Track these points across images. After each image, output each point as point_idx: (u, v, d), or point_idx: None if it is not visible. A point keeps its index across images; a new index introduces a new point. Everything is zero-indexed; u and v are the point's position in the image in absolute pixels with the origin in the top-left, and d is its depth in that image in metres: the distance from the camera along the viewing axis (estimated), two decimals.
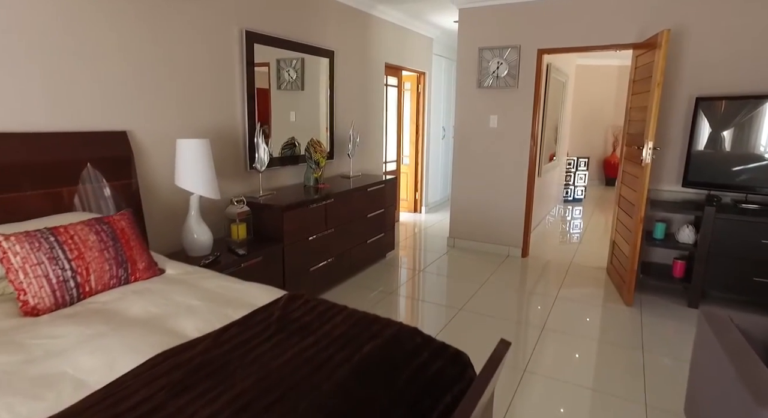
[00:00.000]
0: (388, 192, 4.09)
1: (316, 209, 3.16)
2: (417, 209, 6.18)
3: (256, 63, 3.31)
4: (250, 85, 3.13)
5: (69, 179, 2.05)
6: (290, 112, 3.93)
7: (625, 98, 8.41)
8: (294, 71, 3.86)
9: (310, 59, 3.83)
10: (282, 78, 3.67)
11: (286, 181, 3.63)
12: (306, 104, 3.91)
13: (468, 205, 4.49)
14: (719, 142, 3.09)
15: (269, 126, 3.54)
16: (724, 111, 3.04)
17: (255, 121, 3.19)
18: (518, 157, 4.18)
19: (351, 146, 4.08)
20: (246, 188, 3.21)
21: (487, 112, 4.25)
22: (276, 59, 3.56)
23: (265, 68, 3.52)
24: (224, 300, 1.61)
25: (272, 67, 3.58)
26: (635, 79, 3.42)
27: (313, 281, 3.20)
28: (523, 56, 4.00)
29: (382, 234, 4.08)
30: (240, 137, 3.13)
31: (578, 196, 7.12)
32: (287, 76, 3.82)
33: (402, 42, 5.13)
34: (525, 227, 4.26)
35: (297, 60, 3.76)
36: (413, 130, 5.94)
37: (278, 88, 3.63)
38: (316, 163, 3.57)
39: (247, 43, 3.04)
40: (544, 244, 4.78)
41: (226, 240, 2.83)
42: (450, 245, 4.64)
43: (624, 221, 3.42)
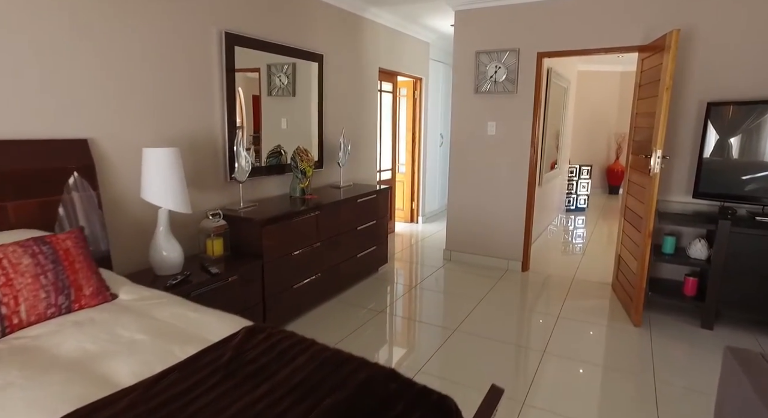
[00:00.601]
0: (380, 203, 3.88)
1: (301, 222, 2.96)
2: (413, 219, 5.97)
3: (246, 68, 3.17)
4: (230, 90, 2.94)
5: (14, 193, 1.84)
6: (281, 119, 3.76)
7: (628, 105, 8.24)
8: (285, 77, 3.69)
9: (302, 64, 3.66)
10: (273, 84, 3.50)
11: (271, 192, 3.42)
12: (297, 111, 3.74)
13: (465, 217, 4.28)
14: (732, 151, 2.88)
15: (260, 134, 3.39)
16: (737, 117, 2.83)
17: (235, 128, 2.99)
18: (518, 166, 3.97)
19: (341, 155, 3.88)
20: (226, 200, 3.00)
21: (484, 119, 4.05)
22: (266, 64, 3.39)
23: (255, 74, 3.37)
24: (175, 333, 1.39)
25: (263, 72, 3.41)
26: (641, 83, 3.22)
27: (297, 299, 2.99)
28: (522, 60, 3.81)
29: (374, 247, 3.86)
30: (219, 146, 2.94)
31: (581, 205, 6.90)
32: (278, 81, 3.66)
33: (396, 46, 4.95)
34: (525, 239, 4.04)
35: (288, 65, 3.59)
36: (409, 137, 5.75)
37: (269, 95, 3.46)
38: (303, 172, 3.37)
39: (226, 46, 2.85)
40: (546, 256, 4.56)
41: (201, 257, 2.62)
42: (446, 258, 4.42)
43: (630, 234, 3.20)
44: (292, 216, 2.87)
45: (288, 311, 2.92)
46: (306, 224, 3.01)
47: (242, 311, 2.52)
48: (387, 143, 5.25)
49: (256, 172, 3.26)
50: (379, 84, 4.88)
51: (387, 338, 2.81)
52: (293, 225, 2.89)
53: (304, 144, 3.78)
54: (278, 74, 3.64)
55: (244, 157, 2.87)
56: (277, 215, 2.75)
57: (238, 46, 2.95)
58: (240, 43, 2.96)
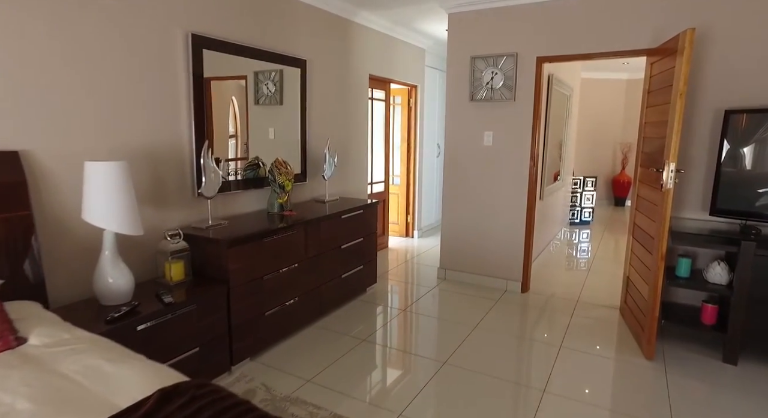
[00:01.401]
0: (368, 219, 3.60)
1: (276, 242, 2.68)
2: (409, 234, 5.68)
3: (230, 76, 2.99)
4: (199, 97, 2.68)
5: None
6: (269, 129, 3.53)
7: (634, 114, 7.96)
8: (273, 84, 3.47)
9: (290, 71, 3.42)
10: (260, 92, 3.30)
11: (247, 208, 3.15)
12: (285, 120, 3.52)
13: (460, 233, 3.99)
14: (754, 163, 2.59)
15: (247, 144, 3.18)
16: (758, 125, 2.54)
17: (204, 139, 2.73)
18: (517, 179, 3.69)
19: (326, 167, 3.61)
20: (194, 217, 2.73)
21: (480, 129, 3.78)
22: (254, 72, 3.19)
23: (242, 81, 3.15)
24: (72, 399, 1.11)
25: (249, 80, 3.19)
26: (650, 89, 2.94)
27: (270, 327, 2.70)
28: (520, 65, 3.54)
29: (360, 266, 3.57)
30: (186, 158, 2.67)
31: (585, 218, 6.60)
32: (266, 89, 3.44)
33: (389, 52, 4.71)
34: (525, 257, 3.74)
35: (275, 72, 3.38)
36: (404, 148, 5.48)
37: (256, 103, 3.26)
38: (281, 186, 3.10)
39: (193, 49, 2.60)
40: (548, 275, 4.25)
41: (158, 282, 2.34)
42: (441, 277, 4.12)
43: (640, 255, 2.90)
44: (264, 235, 2.59)
45: (259, 342, 2.63)
46: (281, 243, 2.73)
47: (203, 345, 2.24)
48: (379, 154, 4.99)
49: (231, 186, 3.00)
50: (371, 92, 4.64)
51: (367, 372, 2.51)
52: (266, 245, 2.61)
53: (291, 155, 3.53)
54: (265, 82, 3.43)
55: (212, 171, 2.61)
56: (246, 235, 2.48)
57: (207, 49, 2.70)
58: (209, 46, 2.71)
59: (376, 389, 2.35)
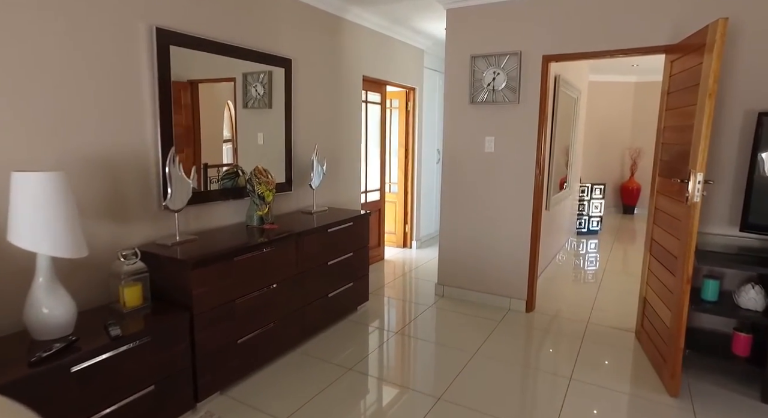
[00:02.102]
0: (358, 231, 3.31)
1: (251, 260, 2.39)
2: (407, 244, 5.38)
3: (219, 78, 2.80)
4: (166, 99, 2.41)
5: None
6: (258, 134, 3.28)
7: (643, 118, 7.65)
8: (261, 86, 3.22)
9: (279, 72, 3.16)
10: (249, 95, 3.06)
11: (224, 220, 2.87)
12: (274, 125, 3.27)
13: (459, 247, 3.68)
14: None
15: (236, 150, 2.99)
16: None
17: (171, 145, 2.45)
18: (520, 188, 3.38)
19: (314, 175, 3.33)
20: (161, 232, 2.45)
21: (481, 134, 3.48)
22: (242, 73, 2.96)
23: (230, 84, 2.93)
24: None
25: (238, 82, 2.96)
26: (669, 90, 2.64)
27: (244, 356, 2.40)
28: (524, 65, 3.25)
29: (350, 284, 3.28)
30: (151, 167, 2.39)
31: (593, 227, 6.27)
32: (254, 92, 3.18)
33: (385, 53, 4.43)
34: (530, 274, 3.43)
35: (264, 73, 3.13)
36: (402, 153, 5.20)
37: (245, 107, 3.04)
38: (261, 197, 2.82)
39: (158, 45, 2.33)
40: (555, 291, 3.93)
41: (111, 309, 2.05)
42: (438, 294, 3.81)
43: (659, 275, 2.59)
44: (237, 253, 2.30)
45: (231, 373, 2.33)
46: (258, 261, 2.44)
47: (160, 382, 1.94)
48: (374, 160, 4.70)
49: (207, 196, 2.72)
50: (365, 94, 4.36)
51: (350, 409, 2.20)
52: (239, 264, 2.32)
53: (277, 162, 3.27)
54: (254, 84, 3.18)
55: (180, 180, 2.32)
56: (216, 253, 2.19)
57: (176, 46, 2.43)
58: (178, 43, 2.43)
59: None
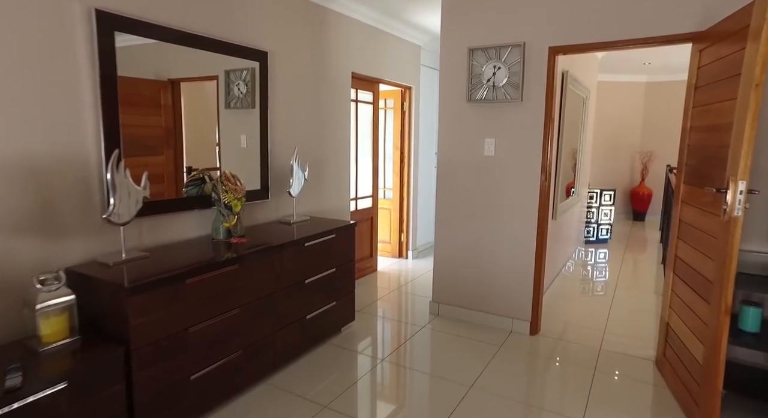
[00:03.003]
0: (342, 244, 2.96)
1: (211, 281, 2.04)
2: (402, 254, 5.02)
3: (201, 76, 2.58)
4: (110, 94, 2.07)
5: None
6: (241, 136, 3.00)
7: (654, 119, 7.27)
8: (244, 85, 2.94)
9: (242, 66, 2.83)
10: (231, 94, 2.81)
11: (187, 233, 2.52)
12: (257, 126, 2.97)
13: (456, 261, 3.32)
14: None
15: (219, 155, 2.73)
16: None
17: (118, 146, 2.11)
18: (524, 196, 3.02)
19: (293, 182, 2.98)
20: (106, 248, 2.11)
21: (480, 135, 3.13)
22: (224, 70, 2.71)
23: (212, 82, 2.68)
24: None
25: (221, 80, 2.70)
26: (698, 84, 2.27)
27: (199, 394, 2.05)
28: (528, 58, 2.90)
29: (332, 303, 2.92)
30: (93, 173, 2.05)
31: (603, 235, 5.89)
32: (236, 91, 2.90)
33: (377, 48, 4.09)
34: (535, 292, 3.07)
35: (247, 71, 2.85)
36: (397, 157, 4.85)
37: (227, 107, 2.79)
38: (227, 207, 2.48)
39: (100, 30, 1.99)
40: (562, 310, 3.56)
41: (25, 345, 1.70)
42: (434, 313, 3.45)
43: (686, 299, 2.22)
44: (191, 273, 1.95)
45: (181, 416, 1.98)
46: (218, 282, 2.09)
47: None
48: (366, 165, 4.35)
49: (168, 206, 2.39)
50: (354, 93, 4.02)
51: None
52: (194, 287, 1.97)
53: (253, 166, 2.94)
54: (236, 82, 2.90)
55: (127, 188, 1.99)
56: (163, 274, 1.84)
57: (121, 32, 2.09)
58: (125, 28, 2.10)
59: None
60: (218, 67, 2.69)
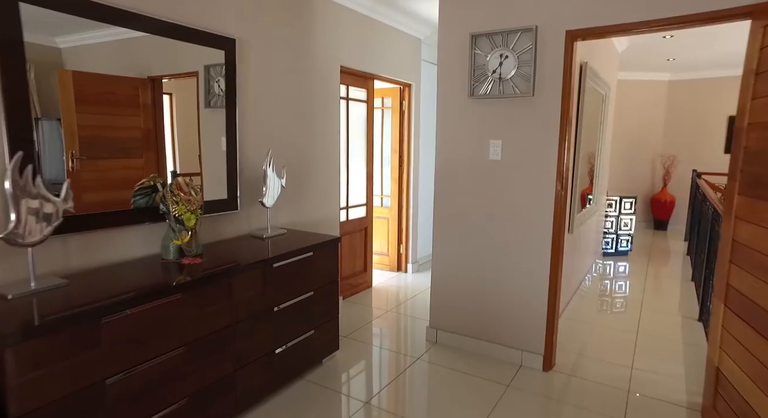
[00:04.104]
0: (322, 263, 2.53)
1: (138, 318, 1.62)
2: (401, 268, 4.58)
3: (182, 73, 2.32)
4: (16, 83, 1.67)
5: None
6: (221, 139, 2.68)
7: (677, 121, 6.74)
8: (224, 81, 2.56)
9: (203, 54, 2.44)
10: (211, 91, 2.50)
11: (134, 252, 2.12)
12: (224, 125, 2.63)
13: (456, 281, 2.87)
14: None
15: (199, 157, 2.45)
16: None
17: (29, 149, 1.70)
18: (536, 207, 2.57)
19: (266, 190, 2.57)
20: (14, 274, 1.70)
21: (484, 136, 2.68)
22: (204, 66, 2.40)
23: (192, 79, 2.38)
24: None
25: (200, 76, 2.39)
26: (760, 70, 1.81)
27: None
28: (542, 45, 2.45)
29: (310, 332, 2.49)
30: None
31: (622, 247, 5.38)
32: (217, 88, 2.56)
33: (371, 40, 3.67)
34: (549, 319, 2.60)
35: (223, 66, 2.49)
36: (396, 161, 4.42)
37: (207, 106, 2.49)
38: (179, 221, 2.06)
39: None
40: (580, 339, 3.08)
41: None
42: (431, 340, 3.00)
43: (745, 339, 1.75)
44: (110, 310, 1.54)
45: None
46: (151, 318, 1.67)
47: None
48: (359, 170, 3.92)
49: (108, 220, 1.99)
50: (345, 90, 3.60)
51: None
52: (112, 327, 1.55)
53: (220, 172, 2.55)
54: (217, 78, 2.57)
55: (39, 199, 1.58)
56: (69, 313, 1.43)
57: (29, 3, 1.69)
58: (33, 0, 1.70)
59: None
60: (197, 61, 2.35)
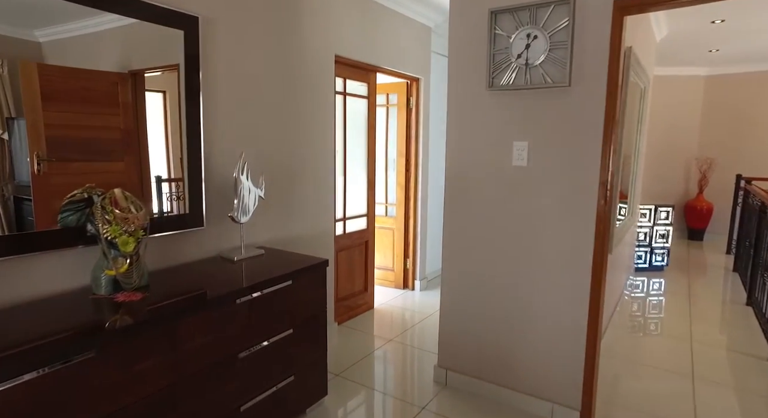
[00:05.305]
0: (305, 292, 2.05)
1: (25, 391, 1.16)
2: (408, 285, 4.08)
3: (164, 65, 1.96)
4: None
5: None
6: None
7: (714, 120, 6.10)
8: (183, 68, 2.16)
9: (158, 35, 1.99)
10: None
11: (58, 284, 1.67)
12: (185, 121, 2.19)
13: (471, 314, 2.36)
14: None
15: (181, 160, 2.06)
16: None
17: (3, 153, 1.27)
18: (572, 224, 2.05)
19: (238, 202, 2.10)
20: None
21: (506, 137, 2.18)
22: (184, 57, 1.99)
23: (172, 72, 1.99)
24: None
25: (181, 69, 2.00)
26: None
27: None
28: (581, 20, 1.94)
29: (289, 378, 2.02)
30: None
31: (657, 261, 4.80)
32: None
33: (373, 27, 3.19)
34: (587, 364, 2.08)
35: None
36: (402, 165, 3.93)
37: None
38: (111, 244, 1.61)
39: None
40: (623, 384, 2.55)
41: None
42: (439, 382, 2.50)
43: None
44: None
45: None
46: (43, 390, 1.21)
47: None
48: (359, 175, 3.44)
49: (21, 244, 1.55)
50: (342, 84, 3.12)
51: None
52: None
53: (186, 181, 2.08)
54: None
55: None
56: None
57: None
58: None
59: None
60: (179, 52, 1.96)
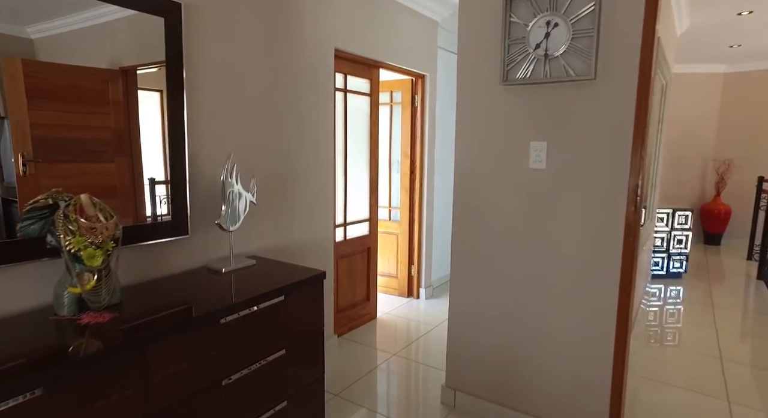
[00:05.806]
0: (299, 308, 1.84)
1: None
2: (413, 293, 3.87)
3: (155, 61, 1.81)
4: None
5: None
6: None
7: (733, 120, 5.84)
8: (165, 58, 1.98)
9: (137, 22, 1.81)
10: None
11: (17, 302, 1.47)
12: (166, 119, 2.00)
13: (481, 330, 2.15)
14: None
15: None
16: None
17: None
18: (597, 234, 1.84)
19: (225, 208, 1.90)
20: None
21: (523, 137, 1.97)
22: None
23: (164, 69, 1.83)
24: None
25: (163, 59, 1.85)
26: None
27: None
28: (609, 5, 1.73)
29: (282, 404, 1.81)
30: None
31: (675, 268, 4.57)
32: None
33: (376, 20, 2.99)
34: (613, 390, 1.87)
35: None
36: (407, 166, 3.72)
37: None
38: (76, 258, 1.41)
39: None
40: (650, 408, 2.33)
41: None
42: (447, 403, 2.28)
43: None
44: None
45: None
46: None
47: None
48: (361, 178, 3.24)
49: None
50: (342, 80, 2.92)
51: None
52: None
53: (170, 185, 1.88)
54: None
55: None
56: None
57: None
58: None
59: None
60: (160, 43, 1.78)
